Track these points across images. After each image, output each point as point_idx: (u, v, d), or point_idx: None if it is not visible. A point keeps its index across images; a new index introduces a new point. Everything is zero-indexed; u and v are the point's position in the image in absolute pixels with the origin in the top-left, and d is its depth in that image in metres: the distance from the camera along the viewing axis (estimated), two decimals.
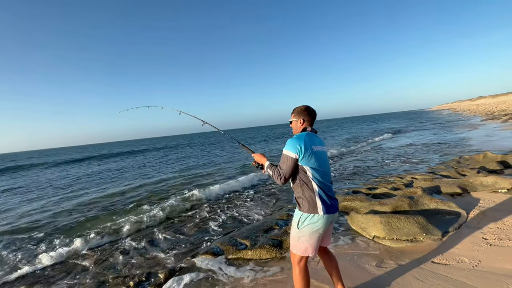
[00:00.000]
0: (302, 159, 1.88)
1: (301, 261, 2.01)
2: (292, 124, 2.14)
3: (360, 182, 7.06)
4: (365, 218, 3.72)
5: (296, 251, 2.00)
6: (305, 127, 2.05)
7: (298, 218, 1.96)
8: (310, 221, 1.88)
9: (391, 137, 18.90)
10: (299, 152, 1.87)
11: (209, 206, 6.24)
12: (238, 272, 3.10)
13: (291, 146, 1.90)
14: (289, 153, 1.90)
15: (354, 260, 3.00)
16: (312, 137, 1.98)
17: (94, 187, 10.69)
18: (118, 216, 6.15)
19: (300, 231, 1.94)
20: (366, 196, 4.97)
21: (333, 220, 1.98)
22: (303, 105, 2.11)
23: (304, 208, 1.90)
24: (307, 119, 2.06)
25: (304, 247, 1.95)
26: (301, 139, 1.91)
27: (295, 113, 2.11)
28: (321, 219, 1.86)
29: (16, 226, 6.06)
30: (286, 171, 1.90)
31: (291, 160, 1.89)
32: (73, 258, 4.07)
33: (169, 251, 3.99)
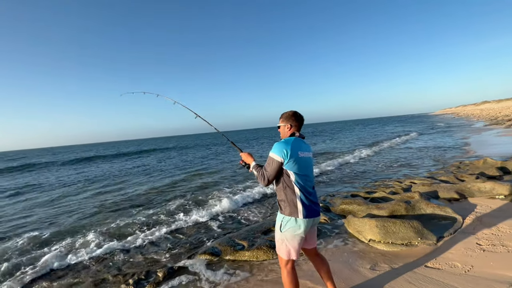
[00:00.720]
0: (287, 163, 1.93)
1: (288, 264, 2.05)
2: (280, 128, 2.18)
3: (359, 185, 7.10)
4: (361, 222, 3.77)
5: (281, 254, 2.05)
6: (293, 132, 2.09)
7: (280, 221, 2.01)
8: (291, 224, 1.93)
9: (407, 140, 18.87)
10: (284, 156, 1.92)
11: (206, 205, 6.30)
12: (232, 274, 3.17)
13: (278, 149, 1.94)
14: (275, 156, 1.94)
15: (349, 263, 3.05)
16: (299, 143, 2.02)
17: (93, 187, 10.82)
18: (121, 215, 6.25)
19: (282, 234, 1.99)
20: (364, 200, 5.02)
21: (315, 223, 2.05)
22: (290, 110, 2.15)
23: (286, 211, 1.96)
24: (294, 124, 2.10)
25: (287, 250, 2.00)
26: (288, 143, 1.96)
27: (283, 118, 2.15)
28: (301, 222, 1.91)
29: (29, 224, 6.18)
30: (270, 174, 1.96)
31: (276, 163, 1.94)
32: (74, 257, 4.16)
33: (169, 250, 4.06)
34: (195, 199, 7.11)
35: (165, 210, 6.29)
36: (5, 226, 6.14)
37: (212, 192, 7.71)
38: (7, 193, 10.94)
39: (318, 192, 6.74)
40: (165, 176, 12.13)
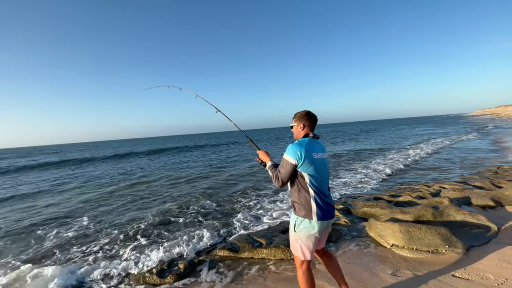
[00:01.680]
0: (301, 165, 1.91)
1: (303, 264, 2.05)
2: (293, 129, 2.15)
3: (383, 188, 6.84)
4: (384, 226, 3.64)
5: (296, 254, 2.05)
6: (307, 133, 2.06)
7: (294, 222, 2.00)
8: (305, 225, 1.92)
9: (439, 142, 17.84)
10: (299, 159, 1.90)
11: (231, 202, 6.43)
12: (250, 270, 3.22)
13: (292, 152, 1.92)
14: (289, 158, 1.93)
15: (369, 267, 2.97)
16: (313, 144, 1.99)
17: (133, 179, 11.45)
18: (147, 207, 6.59)
19: (296, 234, 1.99)
20: (388, 203, 4.84)
21: (329, 224, 2.02)
22: (304, 110, 2.12)
23: (300, 212, 1.95)
24: (307, 124, 2.06)
25: (301, 250, 1.99)
26: (302, 145, 1.93)
27: (296, 118, 2.12)
28: (316, 224, 1.90)
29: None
30: (284, 176, 1.95)
31: (290, 165, 1.92)
32: (99, 243, 4.47)
33: (190, 243, 4.22)
34: (218, 196, 7.29)
35: (187, 203, 6.53)
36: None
37: (238, 189, 7.85)
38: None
39: (340, 194, 6.60)
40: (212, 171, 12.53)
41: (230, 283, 3.01)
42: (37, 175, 16.05)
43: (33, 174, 16.84)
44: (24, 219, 6.37)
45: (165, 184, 9.82)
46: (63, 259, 4.04)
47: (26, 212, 7.08)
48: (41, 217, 6.49)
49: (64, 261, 3.95)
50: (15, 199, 9.08)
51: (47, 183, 12.33)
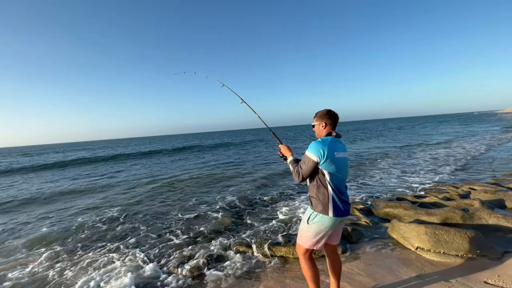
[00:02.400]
0: (323, 163, 1.93)
1: (306, 253, 2.10)
2: (315, 127, 2.17)
3: (406, 188, 6.56)
4: (408, 227, 3.49)
5: (302, 243, 2.09)
6: (330, 132, 2.08)
7: (309, 215, 2.05)
8: (320, 220, 1.97)
9: (469, 141, 16.90)
10: (321, 157, 1.92)
11: (250, 199, 6.47)
12: (267, 267, 3.22)
13: (315, 149, 1.94)
14: (311, 155, 1.95)
15: (392, 269, 2.86)
16: (335, 143, 2.00)
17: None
18: (167, 202, 6.80)
19: (309, 226, 2.03)
20: (412, 204, 4.63)
21: (342, 221, 2.06)
22: (325, 109, 2.13)
23: (317, 208, 1.98)
24: (329, 122, 2.08)
25: (310, 241, 2.04)
26: (325, 144, 1.95)
27: (317, 117, 2.14)
28: (330, 220, 1.94)
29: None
30: (305, 172, 1.99)
31: (312, 162, 1.95)
32: (124, 232, 4.67)
33: (209, 238, 4.30)
34: (244, 191, 7.36)
35: (209, 199, 6.66)
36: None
37: (264, 188, 7.90)
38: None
39: (361, 193, 6.42)
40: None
41: (247, 278, 3.03)
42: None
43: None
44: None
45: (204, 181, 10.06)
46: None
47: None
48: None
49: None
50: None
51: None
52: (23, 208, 7.46)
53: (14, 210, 7.36)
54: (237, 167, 12.53)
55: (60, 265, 3.73)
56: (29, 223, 5.93)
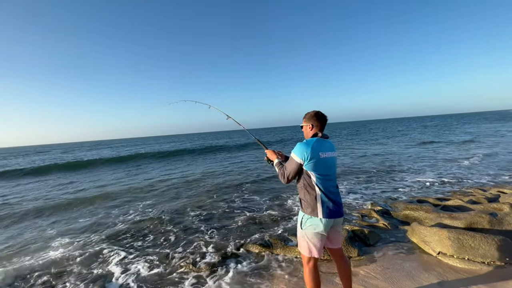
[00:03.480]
0: (307, 164, 1.95)
1: (310, 262, 2.06)
2: (303, 128, 2.21)
3: (428, 190, 6.27)
4: (429, 231, 3.34)
5: (303, 251, 2.07)
6: (316, 133, 2.09)
7: (301, 219, 2.05)
8: (311, 222, 1.96)
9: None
10: (304, 158, 1.94)
11: (262, 200, 6.47)
12: (281, 266, 3.21)
13: (298, 151, 1.97)
14: (295, 157, 1.99)
15: (411, 275, 2.75)
16: (321, 143, 2.00)
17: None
18: (182, 200, 6.96)
19: (303, 231, 2.03)
20: (434, 207, 4.43)
21: (336, 223, 2.04)
22: (313, 110, 2.15)
23: (306, 210, 1.99)
24: (316, 124, 2.10)
25: (308, 246, 2.01)
26: (309, 145, 1.96)
27: (305, 118, 2.17)
28: (321, 222, 1.92)
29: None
30: (289, 173, 2.03)
31: (296, 164, 1.99)
32: (141, 231, 4.83)
33: (223, 237, 4.35)
34: (253, 191, 7.40)
35: (223, 199, 6.74)
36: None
37: (275, 188, 7.89)
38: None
39: (380, 195, 6.23)
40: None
41: (260, 277, 3.03)
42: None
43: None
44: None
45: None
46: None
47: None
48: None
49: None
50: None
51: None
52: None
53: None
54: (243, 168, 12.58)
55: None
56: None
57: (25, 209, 7.16)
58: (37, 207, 7.23)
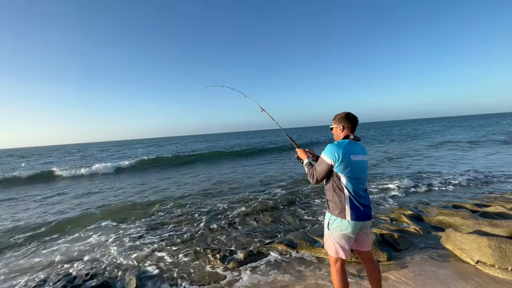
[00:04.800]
0: (338, 166, 1.94)
1: (337, 263, 2.05)
2: (333, 130, 2.18)
3: (465, 196, 5.88)
4: (466, 238, 3.15)
5: (329, 252, 2.07)
6: (347, 135, 2.06)
7: (328, 220, 2.05)
8: (338, 224, 1.95)
9: None
10: (335, 160, 1.93)
11: (287, 201, 6.48)
12: (307, 267, 3.22)
13: (329, 152, 1.96)
14: (326, 158, 1.98)
15: (447, 283, 2.63)
16: (352, 146, 1.99)
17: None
18: (213, 199, 7.19)
19: (329, 232, 2.03)
20: (472, 213, 4.16)
21: (365, 226, 2.02)
22: (344, 112, 2.13)
23: (334, 211, 1.99)
24: (347, 126, 2.07)
25: (334, 247, 2.01)
26: (341, 147, 1.95)
27: (335, 120, 2.15)
28: (349, 224, 1.91)
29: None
30: (319, 174, 2.02)
31: (326, 165, 1.97)
32: (172, 227, 5.08)
33: (248, 235, 4.44)
34: (284, 191, 7.45)
35: (247, 197, 6.86)
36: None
37: (309, 189, 7.89)
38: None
39: (410, 199, 5.97)
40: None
41: (285, 276, 3.07)
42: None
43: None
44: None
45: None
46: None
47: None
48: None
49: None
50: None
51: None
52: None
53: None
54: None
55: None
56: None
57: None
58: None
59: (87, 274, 3.45)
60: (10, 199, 9.07)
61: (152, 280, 3.27)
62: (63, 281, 3.28)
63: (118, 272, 3.50)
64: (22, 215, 6.80)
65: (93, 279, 3.31)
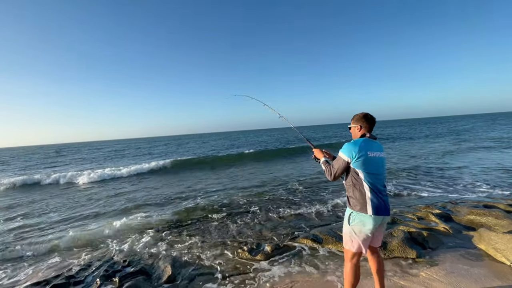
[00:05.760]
0: (355, 162, 2.02)
1: (354, 258, 2.11)
2: (351, 129, 2.27)
3: (497, 195, 5.63)
4: (502, 238, 3.07)
5: (348, 247, 2.12)
6: (364, 134, 2.15)
7: (348, 215, 2.10)
8: (360, 219, 2.01)
9: None
10: (352, 157, 2.02)
11: (310, 198, 6.53)
12: (331, 261, 3.27)
13: (347, 150, 2.06)
14: (343, 155, 2.07)
15: (481, 281, 2.60)
16: (369, 143, 2.07)
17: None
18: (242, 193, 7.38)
19: (350, 227, 2.08)
20: (506, 213, 4.02)
21: (384, 222, 2.07)
22: (362, 112, 2.21)
23: (355, 207, 2.04)
24: (364, 125, 2.15)
25: (354, 243, 2.07)
26: (357, 144, 2.04)
27: (353, 120, 2.24)
28: (370, 219, 1.97)
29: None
30: (336, 171, 2.11)
31: (344, 162, 2.06)
32: (201, 220, 5.29)
33: (274, 230, 4.55)
34: (306, 189, 7.51)
35: (275, 193, 6.98)
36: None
37: (321, 185, 7.91)
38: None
39: (438, 197, 5.82)
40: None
41: (310, 270, 3.14)
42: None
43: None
44: None
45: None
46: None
47: None
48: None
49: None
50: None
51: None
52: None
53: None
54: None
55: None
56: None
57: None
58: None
59: (125, 260, 3.72)
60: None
61: (185, 268, 3.47)
62: (105, 266, 3.56)
63: (153, 260, 3.73)
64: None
65: (131, 266, 3.57)
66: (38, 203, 8.04)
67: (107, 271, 3.42)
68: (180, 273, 3.37)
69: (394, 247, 3.32)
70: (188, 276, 3.28)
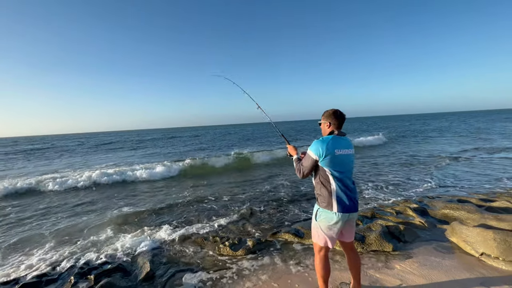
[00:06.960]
0: (323, 160, 2.03)
1: (321, 251, 2.18)
2: (321, 126, 2.28)
3: (470, 190, 5.91)
4: (472, 232, 3.22)
5: (315, 240, 2.20)
6: (332, 130, 2.16)
7: (316, 211, 2.17)
8: (326, 216, 2.06)
9: None
10: (320, 155, 2.03)
11: (291, 193, 6.58)
12: (312, 256, 3.31)
13: (314, 148, 2.07)
14: (311, 153, 2.09)
15: (451, 273, 2.70)
16: (337, 141, 2.07)
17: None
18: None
19: (317, 223, 2.14)
20: (477, 208, 4.21)
21: (351, 218, 2.10)
22: (332, 108, 2.21)
23: (322, 204, 2.09)
24: (333, 122, 2.15)
25: (321, 238, 2.13)
26: (324, 142, 2.05)
27: (324, 116, 2.23)
28: (335, 216, 2.01)
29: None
30: (305, 169, 2.13)
31: (312, 160, 2.08)
32: (183, 216, 5.21)
33: (256, 225, 4.55)
34: (291, 183, 7.54)
35: (255, 189, 6.97)
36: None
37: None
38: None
39: (415, 192, 6.02)
40: None
41: (291, 265, 3.17)
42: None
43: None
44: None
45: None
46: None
47: None
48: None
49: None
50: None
51: None
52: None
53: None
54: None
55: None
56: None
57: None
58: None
59: (101, 257, 3.60)
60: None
61: (165, 265, 3.41)
62: (80, 263, 3.43)
63: (131, 256, 3.64)
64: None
65: (108, 263, 3.46)
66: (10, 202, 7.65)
67: (82, 269, 3.29)
68: (159, 269, 3.30)
69: (372, 241, 3.41)
70: (168, 273, 3.21)
